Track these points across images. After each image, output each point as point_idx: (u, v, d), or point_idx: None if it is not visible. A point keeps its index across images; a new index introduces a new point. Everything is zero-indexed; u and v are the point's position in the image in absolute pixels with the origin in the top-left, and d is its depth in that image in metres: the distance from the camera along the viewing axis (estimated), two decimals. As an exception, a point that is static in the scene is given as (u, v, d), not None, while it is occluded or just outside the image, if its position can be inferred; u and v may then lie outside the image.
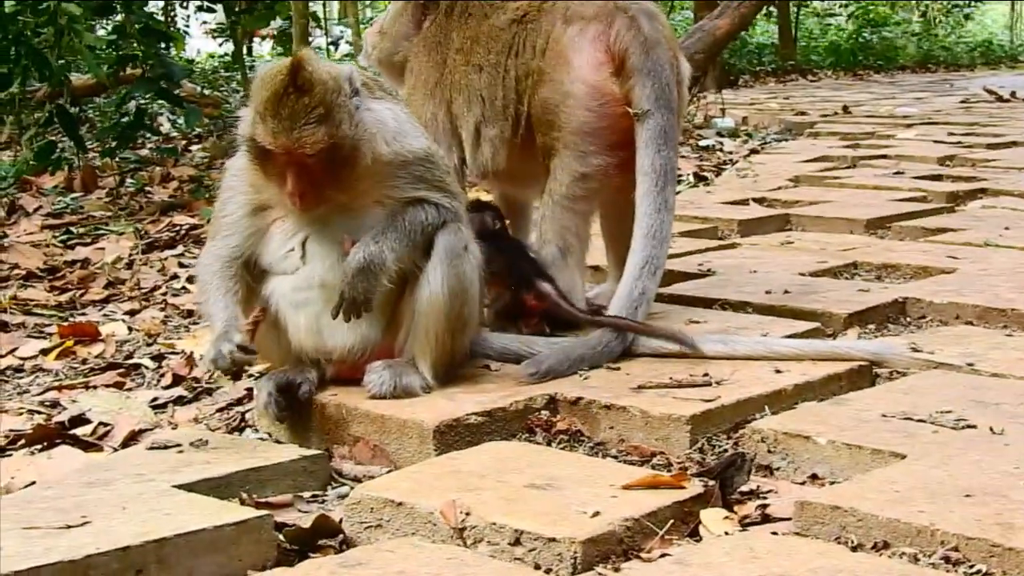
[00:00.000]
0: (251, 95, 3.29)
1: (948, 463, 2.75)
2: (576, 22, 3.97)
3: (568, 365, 3.48)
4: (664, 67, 3.90)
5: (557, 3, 4.08)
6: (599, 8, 3.98)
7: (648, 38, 3.89)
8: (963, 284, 4.55)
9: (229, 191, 3.40)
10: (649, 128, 3.85)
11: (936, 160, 8.56)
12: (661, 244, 3.84)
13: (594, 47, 3.92)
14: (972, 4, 32.37)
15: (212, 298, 3.31)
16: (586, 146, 3.93)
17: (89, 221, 7.15)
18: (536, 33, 4.03)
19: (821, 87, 20.24)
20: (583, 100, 3.91)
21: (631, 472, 2.82)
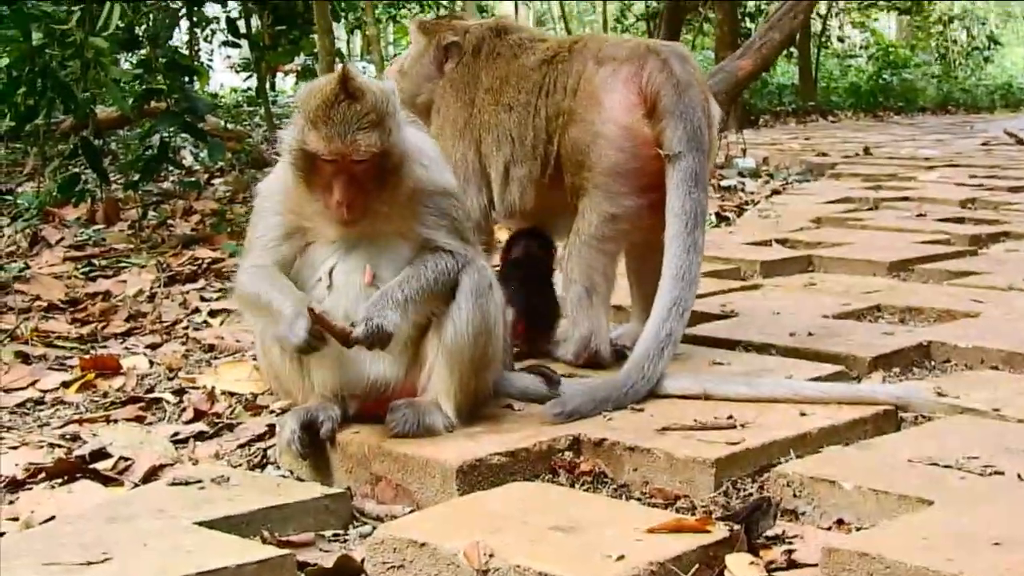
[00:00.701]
0: (299, 107, 3.29)
1: (976, 510, 2.72)
2: (608, 63, 3.99)
3: (593, 406, 3.46)
4: (696, 109, 3.91)
5: (588, 44, 4.12)
6: (631, 50, 4.00)
7: (680, 80, 3.90)
8: (988, 328, 4.53)
9: (262, 213, 3.40)
10: (680, 170, 3.86)
11: (958, 203, 8.54)
12: (690, 286, 3.83)
13: (627, 88, 3.94)
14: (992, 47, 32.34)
15: (266, 288, 3.27)
16: (617, 187, 3.94)
17: (111, 253, 7.17)
18: (567, 74, 4.06)
19: (841, 128, 20.25)
20: (615, 141, 3.93)
21: (655, 515, 2.80)
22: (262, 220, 3.39)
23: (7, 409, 4.09)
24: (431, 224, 3.36)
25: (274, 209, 3.37)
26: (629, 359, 3.73)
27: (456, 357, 3.32)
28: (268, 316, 3.28)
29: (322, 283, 3.32)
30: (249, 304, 3.37)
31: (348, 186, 3.18)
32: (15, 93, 7.15)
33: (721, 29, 18.37)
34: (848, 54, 29.98)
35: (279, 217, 3.36)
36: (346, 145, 3.15)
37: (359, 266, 3.30)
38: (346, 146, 3.15)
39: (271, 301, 3.25)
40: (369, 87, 3.22)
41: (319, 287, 3.33)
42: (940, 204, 8.50)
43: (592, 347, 4.03)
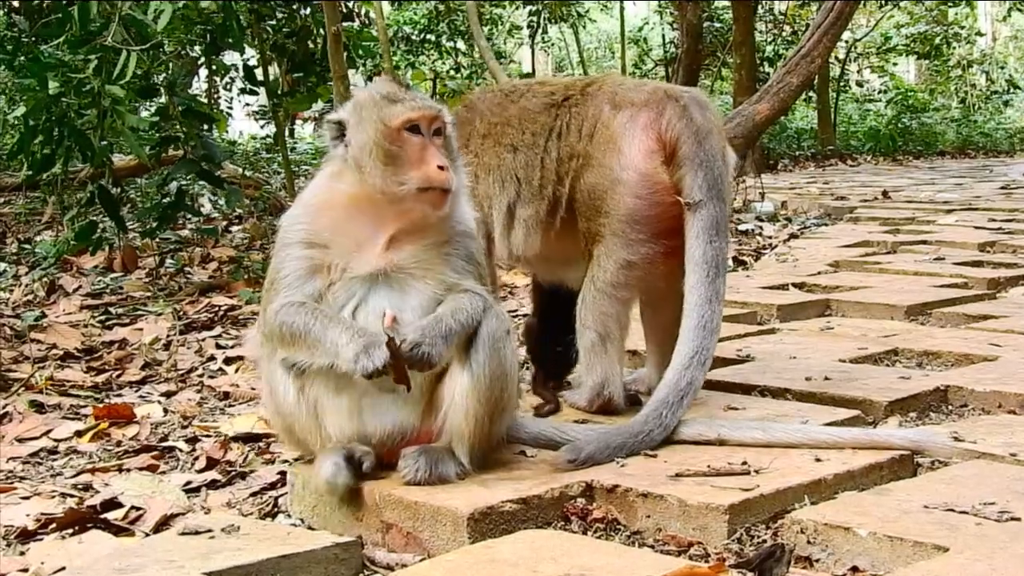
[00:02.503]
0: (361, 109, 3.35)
1: (992, 557, 2.69)
2: (626, 108, 3.98)
3: (608, 453, 3.44)
4: (716, 157, 3.89)
5: (603, 87, 4.10)
6: (649, 95, 3.99)
7: (700, 128, 3.89)
8: (1006, 372, 4.49)
9: (285, 249, 3.36)
10: (701, 218, 3.84)
11: (976, 246, 8.50)
12: (711, 335, 3.81)
13: (646, 134, 3.92)
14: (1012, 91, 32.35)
15: (317, 321, 3.23)
16: (634, 234, 3.92)
17: (128, 301, 7.19)
18: (582, 116, 4.04)
19: (860, 172, 20.23)
20: (633, 188, 3.91)
21: (668, 563, 2.77)
22: (287, 254, 3.35)
23: (20, 459, 4.09)
24: (459, 268, 3.36)
25: (300, 241, 3.34)
26: (647, 405, 3.69)
27: (473, 403, 3.29)
28: (318, 348, 3.22)
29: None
30: (292, 338, 3.27)
31: (436, 153, 3.28)
32: (32, 142, 7.21)
33: (739, 74, 18.39)
34: (867, 98, 30.01)
35: (306, 250, 3.33)
36: (433, 108, 3.32)
37: (381, 308, 3.28)
38: (433, 109, 3.31)
39: (326, 331, 3.20)
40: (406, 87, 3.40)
41: None
42: (959, 248, 8.46)
43: (605, 394, 4.00)
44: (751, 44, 18.92)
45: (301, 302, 3.27)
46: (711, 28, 22.25)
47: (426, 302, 3.31)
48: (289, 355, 3.29)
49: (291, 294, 3.29)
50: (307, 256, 3.31)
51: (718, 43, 22.99)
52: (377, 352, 3.11)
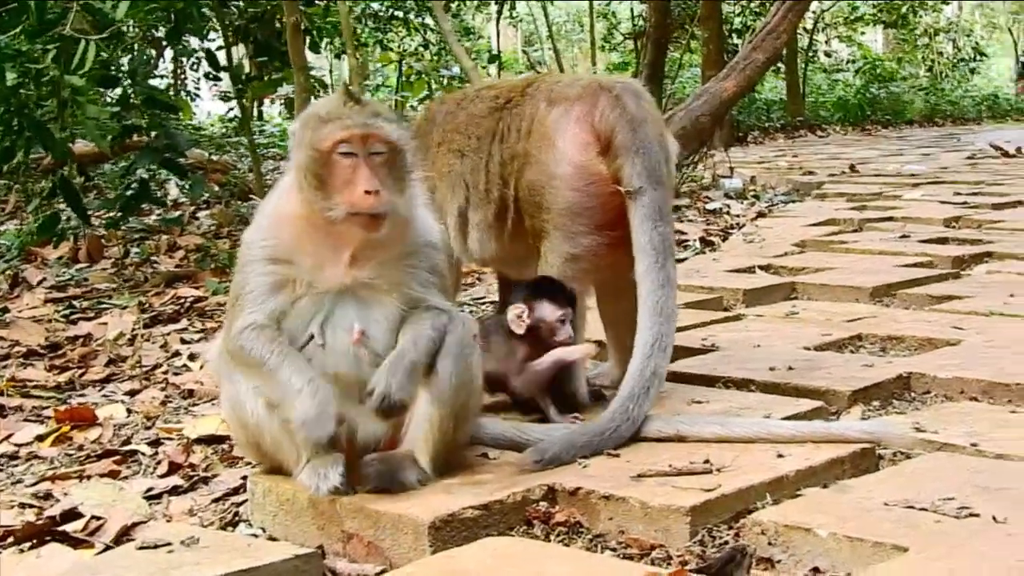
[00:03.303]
0: (303, 125, 3.30)
1: (951, 556, 2.70)
2: (560, 103, 3.99)
3: (573, 452, 3.43)
4: (652, 144, 3.91)
5: (541, 85, 4.12)
6: (583, 88, 4.00)
7: (635, 117, 3.91)
8: (968, 357, 4.50)
9: (249, 266, 3.33)
10: (644, 205, 3.85)
11: (942, 222, 8.52)
12: (668, 320, 3.80)
13: (579, 127, 3.93)
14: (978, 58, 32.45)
15: (277, 360, 3.20)
16: (575, 227, 3.93)
17: (93, 294, 7.14)
18: (520, 117, 4.06)
19: (830, 143, 20.27)
20: (570, 180, 3.92)
21: (628, 569, 2.78)
22: (251, 270, 3.32)
23: (-19, 465, 4.06)
24: (423, 281, 3.33)
25: (263, 257, 3.31)
26: (613, 401, 3.68)
27: (438, 410, 3.28)
28: (271, 384, 3.21)
29: (315, 340, 3.27)
30: (249, 366, 3.26)
31: (371, 174, 3.16)
32: (-8, 133, 7.14)
33: (707, 47, 18.36)
34: (835, 68, 30.03)
35: (269, 266, 3.29)
36: (366, 127, 3.17)
37: (347, 323, 3.26)
38: (366, 128, 3.17)
39: (287, 378, 3.18)
40: (373, 102, 3.32)
41: (311, 345, 3.27)
42: (924, 224, 8.48)
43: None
44: (718, 17, 18.91)
45: (263, 325, 3.25)
46: (679, 1, 22.16)
47: (392, 315, 3.30)
48: (248, 378, 3.27)
49: (255, 313, 3.26)
50: (271, 272, 3.28)
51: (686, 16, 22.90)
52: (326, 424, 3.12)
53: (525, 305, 3.87)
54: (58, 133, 7.13)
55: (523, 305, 3.87)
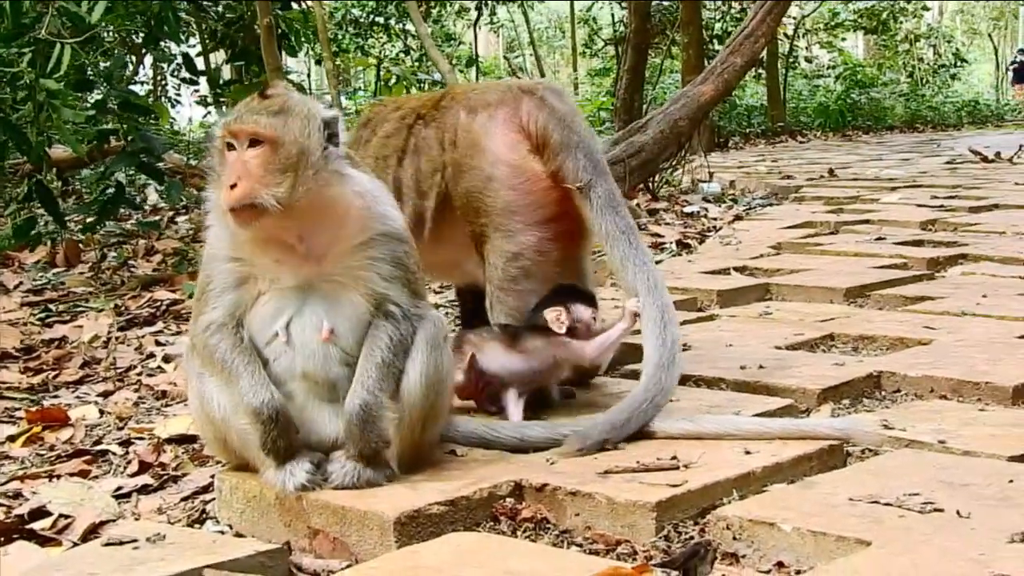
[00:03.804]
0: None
1: (913, 550, 2.71)
2: (482, 110, 4.07)
3: (619, 432, 3.50)
4: (588, 139, 4.01)
5: (456, 96, 4.20)
6: (503, 93, 4.09)
7: (564, 114, 4.00)
8: (939, 356, 4.52)
9: (211, 262, 3.33)
10: (598, 196, 3.95)
11: (918, 224, 8.56)
12: (664, 292, 3.91)
13: (506, 128, 4.01)
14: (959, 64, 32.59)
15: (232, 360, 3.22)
16: (514, 224, 4.00)
17: (69, 297, 7.13)
18: (441, 129, 4.12)
19: (809, 148, 20.35)
20: (506, 180, 3.99)
21: (594, 564, 2.77)
22: (214, 267, 3.32)
23: (-49, 467, 4.04)
24: (386, 275, 3.30)
25: (223, 255, 3.31)
26: (643, 375, 3.73)
27: (407, 409, 3.28)
28: (231, 387, 3.23)
29: (279, 338, 3.27)
30: (212, 366, 3.28)
31: (236, 168, 3.13)
32: (-33, 137, 7.12)
33: (687, 53, 18.42)
34: (816, 74, 30.14)
35: (228, 264, 3.29)
36: (240, 123, 3.16)
37: (315, 320, 3.25)
38: (240, 123, 3.15)
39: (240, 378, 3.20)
40: (288, 95, 3.24)
41: (276, 343, 3.27)
42: (900, 226, 8.51)
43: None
44: (698, 23, 18.95)
45: (223, 324, 3.25)
46: (660, 7, 22.24)
47: (359, 313, 3.28)
48: (213, 376, 3.28)
49: (217, 309, 3.27)
50: (231, 269, 3.28)
51: (667, 22, 22.98)
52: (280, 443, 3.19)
53: (562, 307, 3.91)
54: (34, 137, 7.11)
55: (560, 307, 3.91)
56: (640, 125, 10.88)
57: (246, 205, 3.12)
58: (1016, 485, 3.14)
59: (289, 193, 3.13)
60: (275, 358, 3.25)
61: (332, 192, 3.23)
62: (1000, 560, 2.63)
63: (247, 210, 3.12)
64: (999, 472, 3.25)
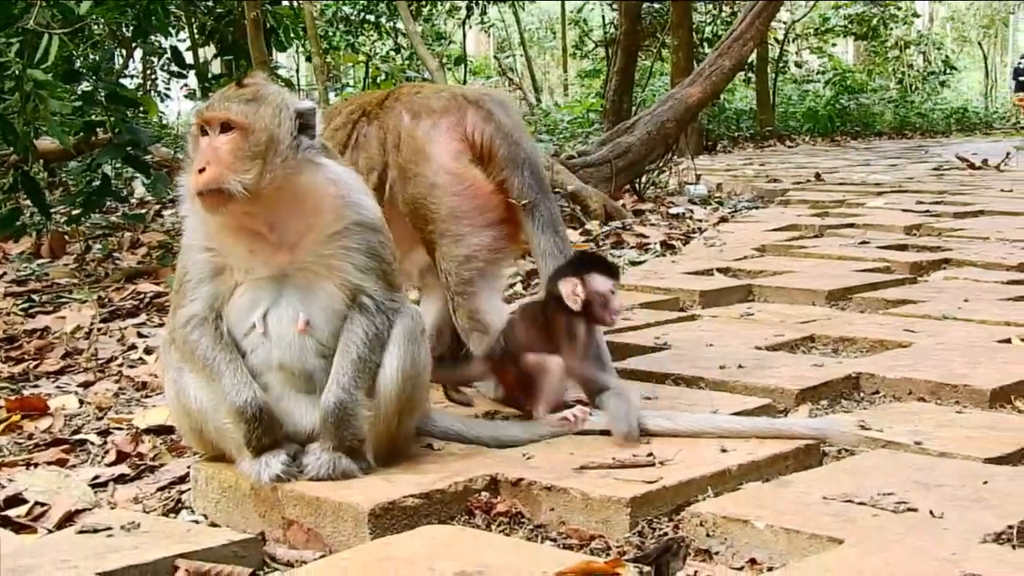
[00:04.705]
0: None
1: (885, 549, 2.72)
2: (426, 116, 4.12)
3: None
4: (534, 155, 4.11)
5: (400, 97, 4.24)
6: (447, 101, 4.14)
7: (510, 129, 4.09)
8: (918, 359, 4.54)
9: (187, 252, 3.34)
10: (540, 215, 4.07)
11: (903, 229, 8.58)
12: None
13: (450, 137, 4.07)
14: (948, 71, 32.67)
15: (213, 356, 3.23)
16: (461, 229, 4.05)
17: (53, 288, 7.11)
18: (383, 129, 4.17)
19: (798, 153, 20.38)
20: (449, 188, 4.04)
21: (567, 558, 2.78)
22: (188, 258, 3.33)
23: (-72, 454, 4.03)
24: (361, 266, 3.30)
25: (198, 245, 3.31)
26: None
27: (383, 400, 3.29)
28: (214, 383, 3.24)
29: (256, 330, 3.27)
30: (193, 361, 3.29)
31: (206, 153, 3.15)
32: (-48, 127, 7.10)
33: (677, 55, 18.47)
34: (806, 79, 30.19)
35: (203, 254, 3.30)
36: (212, 109, 3.18)
37: (291, 312, 3.26)
38: (212, 110, 3.18)
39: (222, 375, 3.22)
40: (263, 85, 3.26)
41: (253, 334, 3.28)
42: (885, 231, 8.54)
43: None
44: (688, 25, 19.00)
45: (204, 318, 3.26)
46: (650, 9, 22.26)
47: (335, 305, 3.29)
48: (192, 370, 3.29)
49: (196, 302, 3.28)
50: (206, 259, 3.28)
51: (658, 24, 23.01)
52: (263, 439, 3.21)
53: (577, 278, 3.80)
54: (21, 128, 7.10)
55: (575, 279, 3.80)
56: (627, 126, 10.93)
57: (213, 190, 3.13)
58: (990, 486, 3.15)
59: (256, 180, 3.14)
60: (252, 349, 3.26)
61: (303, 181, 3.23)
62: (972, 560, 2.64)
63: (214, 195, 3.13)
64: (974, 473, 3.27)
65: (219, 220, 3.20)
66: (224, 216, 3.19)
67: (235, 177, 3.12)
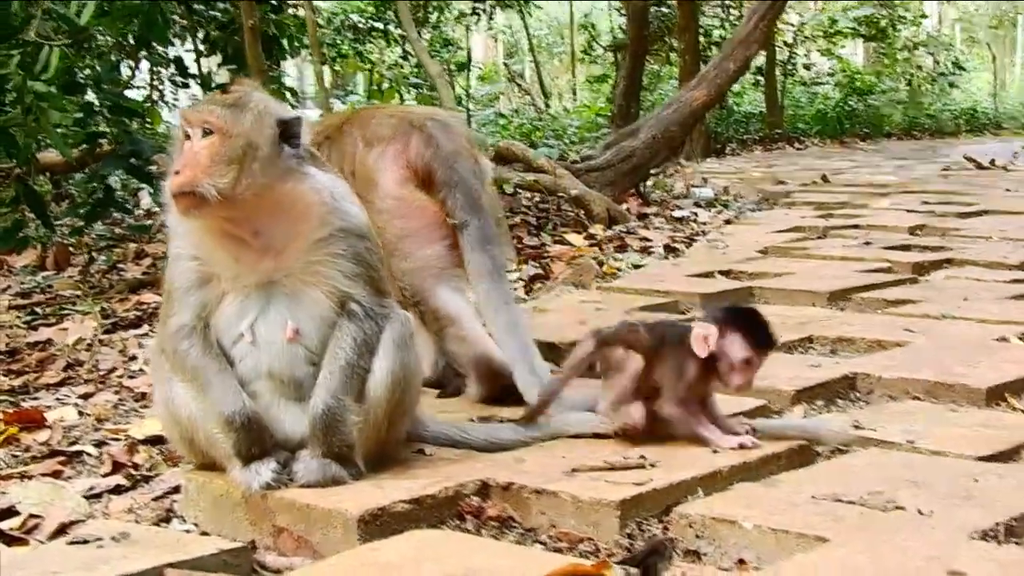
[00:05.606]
0: None
1: (872, 547, 2.72)
2: (376, 144, 4.31)
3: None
4: (468, 177, 4.29)
5: (356, 122, 4.42)
6: (395, 127, 4.33)
7: (448, 153, 4.27)
8: (914, 358, 4.53)
9: (175, 262, 3.34)
10: (470, 234, 4.22)
11: (907, 229, 8.56)
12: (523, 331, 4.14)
13: (396, 165, 4.27)
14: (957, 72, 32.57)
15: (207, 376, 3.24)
16: (407, 247, 4.23)
17: (57, 300, 7.13)
18: (341, 153, 4.31)
19: (806, 155, 20.35)
20: (395, 212, 4.23)
21: (555, 561, 2.78)
22: (176, 267, 3.34)
23: (-74, 468, 4.04)
24: (348, 273, 3.30)
25: (185, 255, 3.32)
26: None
27: (373, 406, 3.30)
28: (203, 396, 3.26)
29: (245, 339, 3.28)
30: (183, 372, 3.30)
31: (186, 156, 3.17)
32: (-47, 139, 7.12)
33: (684, 59, 18.48)
34: (815, 81, 30.10)
35: (190, 263, 3.31)
36: (194, 112, 3.22)
37: (280, 320, 3.27)
38: (194, 113, 3.22)
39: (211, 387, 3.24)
40: (249, 92, 3.29)
41: (242, 343, 3.28)
42: (889, 231, 8.51)
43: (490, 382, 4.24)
44: (695, 29, 18.98)
45: (193, 328, 3.27)
46: (658, 13, 22.23)
47: (324, 312, 3.29)
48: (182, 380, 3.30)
49: (184, 311, 3.28)
50: (193, 267, 3.29)
51: (666, 28, 23.00)
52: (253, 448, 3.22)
53: (717, 329, 3.51)
54: (22, 140, 7.12)
55: (715, 328, 3.51)
56: (632, 130, 10.92)
57: (187, 192, 3.14)
58: (980, 484, 3.16)
59: (231, 185, 3.14)
60: (241, 358, 3.27)
61: (287, 188, 3.24)
62: (957, 557, 2.65)
63: (188, 198, 3.14)
64: (966, 472, 3.27)
65: (201, 226, 3.22)
66: (199, 220, 3.20)
67: (209, 181, 3.13)
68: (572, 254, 7.65)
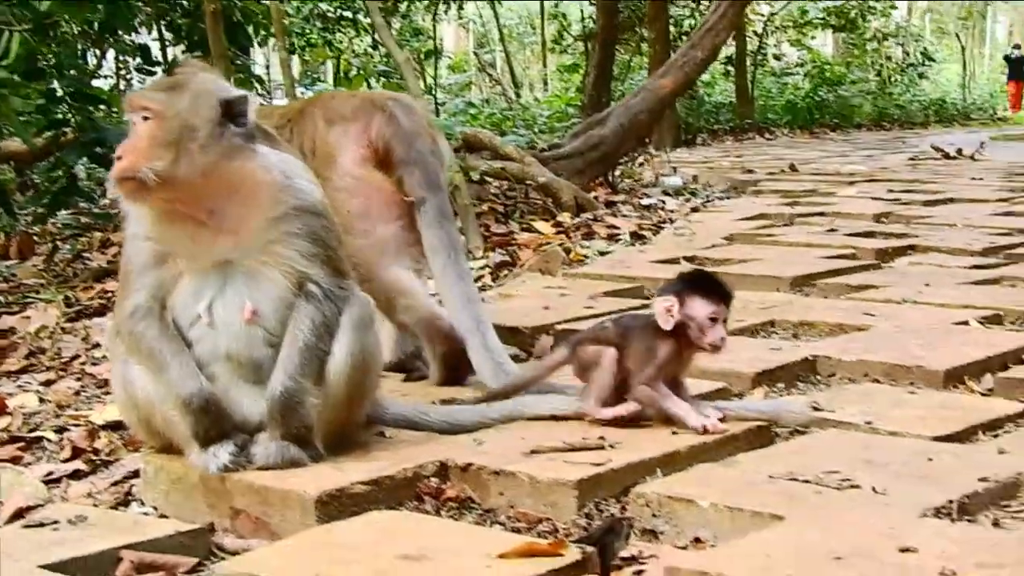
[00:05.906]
0: None
1: (826, 525, 2.74)
2: (338, 123, 4.32)
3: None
4: (427, 155, 4.31)
5: (318, 104, 4.45)
6: (357, 107, 4.35)
7: (408, 131, 4.29)
8: (874, 341, 4.56)
9: (130, 241, 3.33)
10: (427, 211, 4.25)
11: (872, 216, 8.61)
12: (477, 305, 4.21)
13: (357, 144, 4.28)
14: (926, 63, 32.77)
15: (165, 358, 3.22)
16: (364, 224, 4.23)
17: (20, 289, 7.10)
18: (302, 135, 4.32)
19: (776, 145, 20.43)
20: (353, 191, 4.23)
21: (512, 541, 2.79)
22: (131, 247, 3.33)
23: None
24: (305, 253, 3.28)
25: (140, 234, 3.31)
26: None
27: (333, 388, 3.29)
28: (159, 377, 3.24)
29: (202, 320, 3.27)
30: (139, 353, 3.28)
31: (128, 141, 3.16)
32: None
33: (654, 48, 18.51)
34: (785, 72, 30.23)
35: (144, 243, 3.29)
36: (133, 96, 3.22)
37: (237, 301, 3.25)
38: (132, 97, 3.21)
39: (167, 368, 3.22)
40: (191, 74, 3.26)
41: (199, 324, 3.27)
42: (854, 219, 8.56)
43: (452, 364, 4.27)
44: (665, 19, 19.03)
45: (149, 308, 3.25)
46: (629, 3, 22.26)
47: (282, 293, 3.27)
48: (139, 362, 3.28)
49: (140, 292, 3.26)
50: (147, 248, 3.27)
51: (636, 18, 23.02)
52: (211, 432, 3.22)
53: (675, 298, 3.57)
54: (-18, 127, 7.08)
55: (673, 298, 3.57)
56: (600, 119, 10.93)
57: (128, 178, 3.13)
58: (935, 463, 3.18)
59: (170, 167, 3.13)
60: (198, 340, 3.25)
61: (232, 167, 3.22)
62: (909, 534, 2.66)
63: (129, 182, 3.13)
64: (922, 451, 3.30)
65: (154, 208, 3.21)
66: (144, 204, 3.20)
67: (148, 165, 3.11)
68: (539, 242, 7.66)
